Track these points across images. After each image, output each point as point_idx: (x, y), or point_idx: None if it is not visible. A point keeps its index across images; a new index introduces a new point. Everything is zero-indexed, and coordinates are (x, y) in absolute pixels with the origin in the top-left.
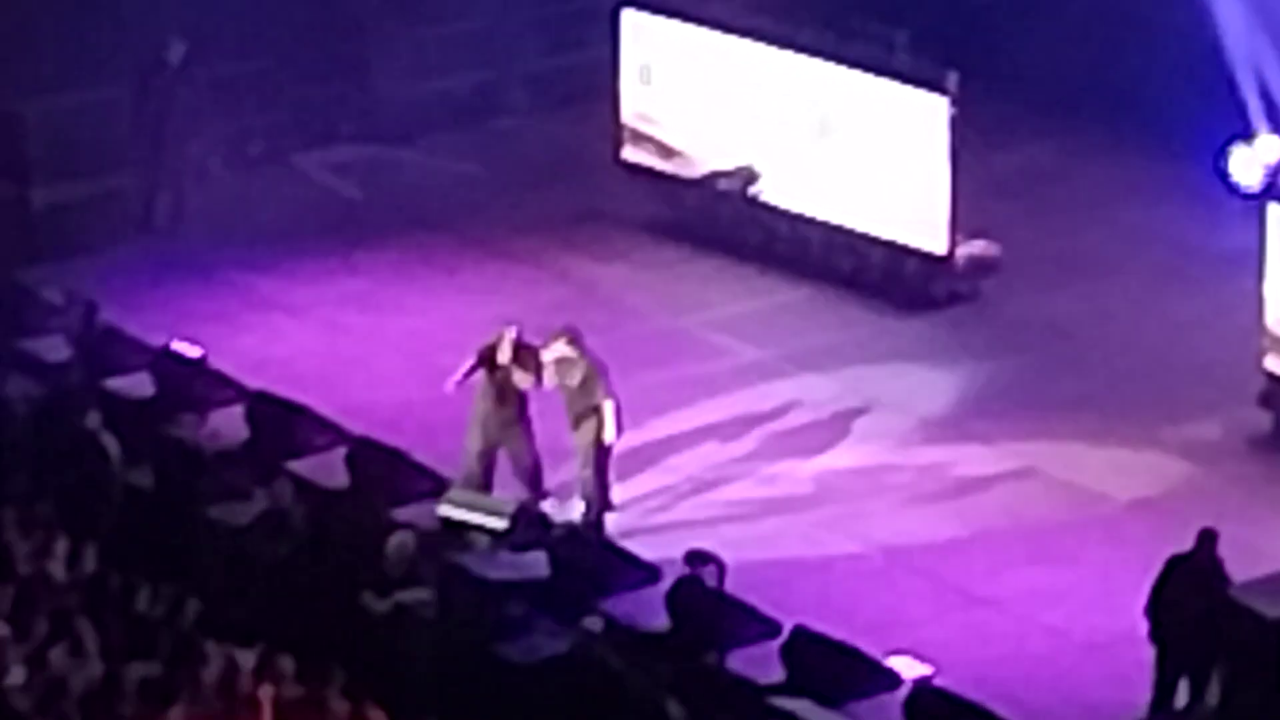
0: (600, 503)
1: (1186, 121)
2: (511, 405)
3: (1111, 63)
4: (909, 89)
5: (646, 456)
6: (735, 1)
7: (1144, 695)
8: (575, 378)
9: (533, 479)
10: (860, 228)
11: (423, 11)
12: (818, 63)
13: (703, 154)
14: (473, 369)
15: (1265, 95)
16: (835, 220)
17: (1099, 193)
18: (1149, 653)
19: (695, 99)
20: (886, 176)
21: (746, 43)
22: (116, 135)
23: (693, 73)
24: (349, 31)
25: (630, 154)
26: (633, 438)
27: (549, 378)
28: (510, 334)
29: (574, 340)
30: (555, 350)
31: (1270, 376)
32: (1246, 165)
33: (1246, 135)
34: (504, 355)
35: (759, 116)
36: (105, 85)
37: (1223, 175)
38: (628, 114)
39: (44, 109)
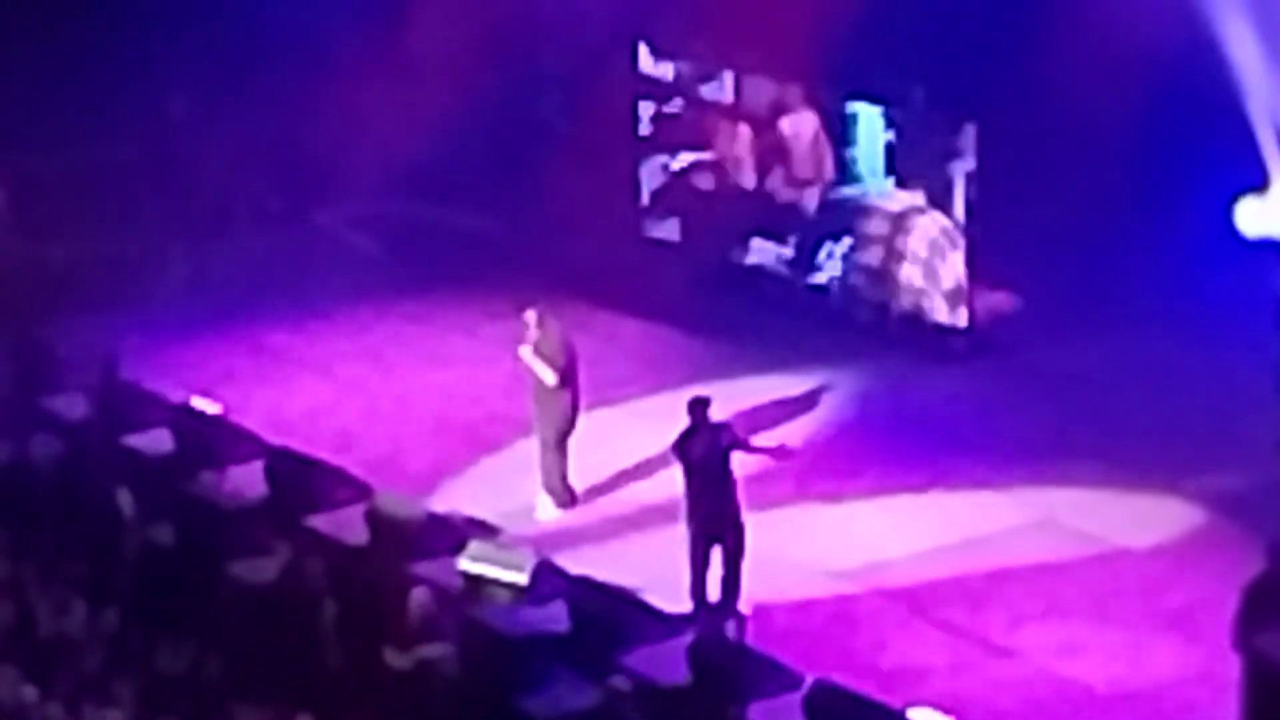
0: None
1: (1207, 171)
2: (547, 394)
3: (1133, 113)
4: None
5: (667, 507)
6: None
7: None
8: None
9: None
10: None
11: (440, 66)
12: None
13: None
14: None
15: None
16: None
17: (1118, 244)
18: (1170, 705)
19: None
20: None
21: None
22: (133, 191)
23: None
24: (366, 87)
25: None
26: (654, 490)
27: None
28: (532, 318)
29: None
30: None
31: None
32: (1255, 216)
33: (1262, 186)
34: (531, 338)
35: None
36: (121, 141)
37: (1240, 224)
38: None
39: (62, 165)
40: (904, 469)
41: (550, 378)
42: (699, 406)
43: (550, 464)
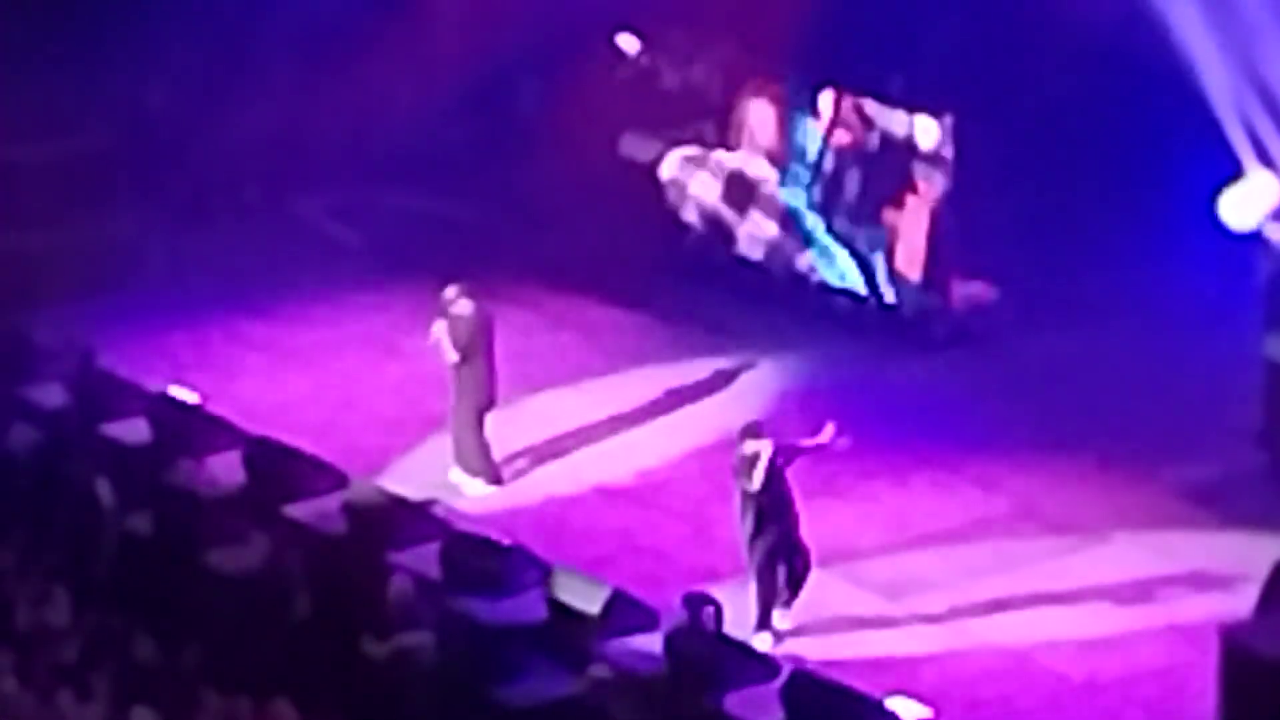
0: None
1: (1185, 162)
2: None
3: (1111, 104)
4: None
5: (645, 498)
6: (731, 44)
7: None
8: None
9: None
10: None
11: (417, 56)
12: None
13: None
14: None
15: (1253, 136)
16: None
17: (1096, 233)
18: (1148, 694)
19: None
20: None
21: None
22: (111, 180)
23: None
24: (344, 76)
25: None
26: (633, 480)
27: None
28: (450, 294)
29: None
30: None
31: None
32: (1239, 206)
33: (1238, 175)
34: (446, 313)
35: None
36: (99, 130)
37: (1218, 214)
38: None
39: (40, 154)
40: (882, 458)
41: (452, 355)
42: (751, 431)
43: (470, 444)
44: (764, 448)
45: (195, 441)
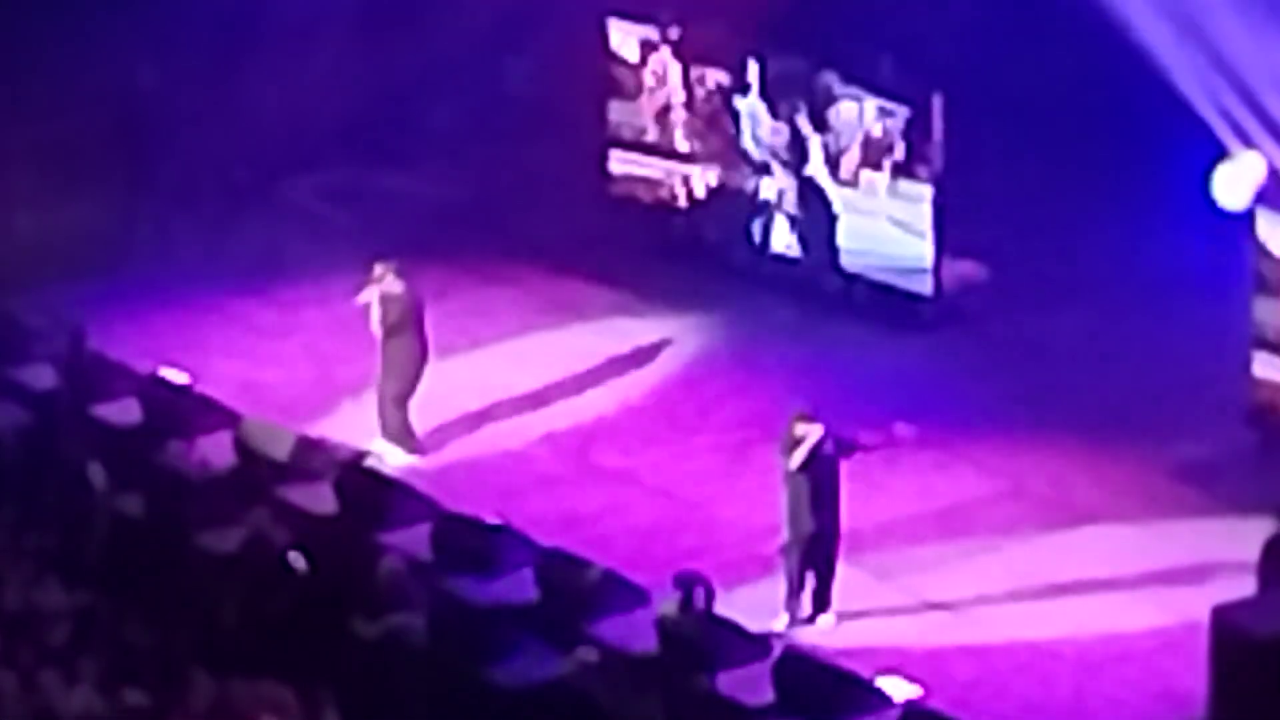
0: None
1: (1176, 141)
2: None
3: (1102, 83)
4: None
5: (634, 477)
6: (718, 24)
7: (1136, 717)
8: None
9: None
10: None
11: (406, 36)
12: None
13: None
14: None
15: (1227, 115)
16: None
17: (1086, 213)
18: (1139, 673)
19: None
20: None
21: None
22: (100, 161)
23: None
24: (334, 57)
25: (617, 175)
26: (623, 460)
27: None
28: (379, 272)
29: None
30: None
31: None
32: (1230, 184)
33: (1228, 154)
34: (374, 291)
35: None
36: (88, 111)
37: (1208, 194)
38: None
39: (29, 135)
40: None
41: (376, 328)
42: (804, 413)
43: (394, 418)
44: (812, 431)
45: (185, 422)
